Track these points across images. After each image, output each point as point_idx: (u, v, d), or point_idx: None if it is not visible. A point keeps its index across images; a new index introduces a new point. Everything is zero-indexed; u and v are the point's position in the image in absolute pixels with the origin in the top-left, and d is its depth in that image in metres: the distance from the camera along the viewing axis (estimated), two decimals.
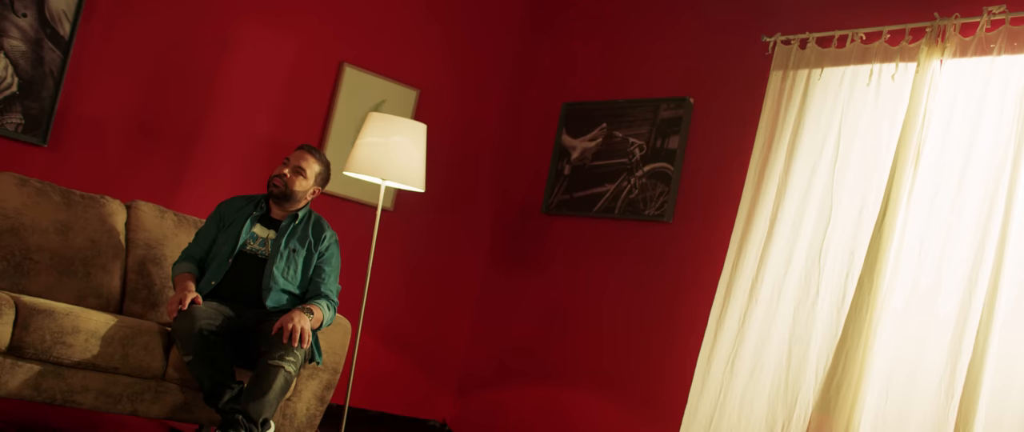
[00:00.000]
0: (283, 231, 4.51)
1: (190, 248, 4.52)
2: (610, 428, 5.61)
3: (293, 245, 4.50)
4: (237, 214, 4.55)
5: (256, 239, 4.50)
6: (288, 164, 4.56)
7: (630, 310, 5.74)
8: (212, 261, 4.44)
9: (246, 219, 4.50)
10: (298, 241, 4.52)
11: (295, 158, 4.58)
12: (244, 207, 4.58)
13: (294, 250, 4.49)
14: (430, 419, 6.52)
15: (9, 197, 4.41)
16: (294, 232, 4.53)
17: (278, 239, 4.48)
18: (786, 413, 4.66)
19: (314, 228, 4.61)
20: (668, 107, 5.78)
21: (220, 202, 4.69)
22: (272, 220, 4.58)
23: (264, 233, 4.52)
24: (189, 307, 4.13)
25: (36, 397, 3.87)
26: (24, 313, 3.82)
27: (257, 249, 4.47)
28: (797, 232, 4.85)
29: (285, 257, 4.45)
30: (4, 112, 5.01)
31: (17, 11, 5.02)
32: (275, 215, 4.59)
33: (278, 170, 4.57)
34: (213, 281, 4.37)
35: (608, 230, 6.00)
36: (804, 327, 4.71)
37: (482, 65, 6.69)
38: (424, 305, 6.50)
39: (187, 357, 4.05)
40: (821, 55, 5.00)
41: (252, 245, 4.48)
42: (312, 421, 4.50)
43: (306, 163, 4.58)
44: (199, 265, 4.48)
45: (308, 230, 4.58)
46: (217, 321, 4.12)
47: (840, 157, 4.81)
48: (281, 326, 4.12)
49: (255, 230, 4.52)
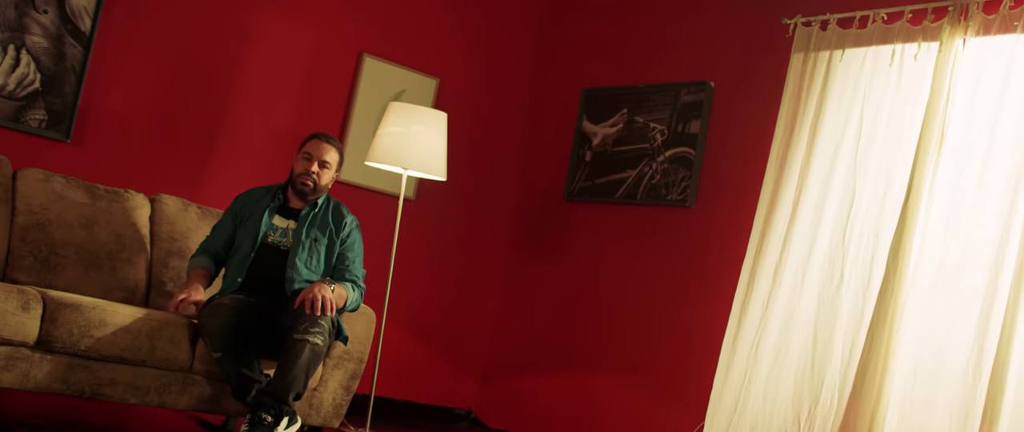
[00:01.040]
0: (303, 220, 4.49)
1: (207, 242, 4.52)
2: (635, 414, 5.61)
3: (314, 234, 4.47)
4: (255, 206, 4.52)
5: (276, 230, 4.47)
6: (311, 159, 4.50)
7: (654, 296, 5.73)
8: (234, 255, 4.44)
9: (264, 211, 4.48)
10: (319, 230, 4.49)
11: (316, 151, 4.52)
12: (262, 198, 4.55)
13: (316, 240, 4.46)
14: (456, 407, 6.54)
15: (34, 193, 4.44)
16: (314, 221, 4.50)
17: (299, 229, 4.46)
18: (813, 397, 4.65)
19: (334, 215, 4.57)
20: (689, 91, 5.76)
21: (237, 195, 4.66)
22: (291, 210, 4.55)
23: (284, 224, 4.49)
24: (218, 303, 4.13)
25: (65, 390, 3.90)
26: (51, 307, 3.84)
27: (278, 241, 4.45)
28: (820, 215, 4.83)
29: (307, 247, 4.43)
30: (27, 108, 5.04)
31: (38, 8, 5.04)
32: (293, 205, 4.55)
33: (302, 167, 4.50)
34: (238, 278, 4.37)
35: (630, 216, 5.99)
36: (829, 310, 4.69)
37: (501, 52, 6.68)
38: (448, 294, 6.51)
39: (216, 354, 4.06)
40: (842, 36, 4.98)
41: (273, 237, 4.46)
42: (338, 411, 4.52)
43: (329, 155, 4.53)
44: (215, 259, 4.48)
45: (328, 217, 4.55)
46: (245, 316, 4.12)
47: (863, 139, 4.78)
48: (302, 299, 4.12)
49: (275, 221, 4.49)
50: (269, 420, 3.97)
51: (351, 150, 6.01)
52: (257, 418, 3.97)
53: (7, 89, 4.99)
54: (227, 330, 4.04)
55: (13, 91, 5.01)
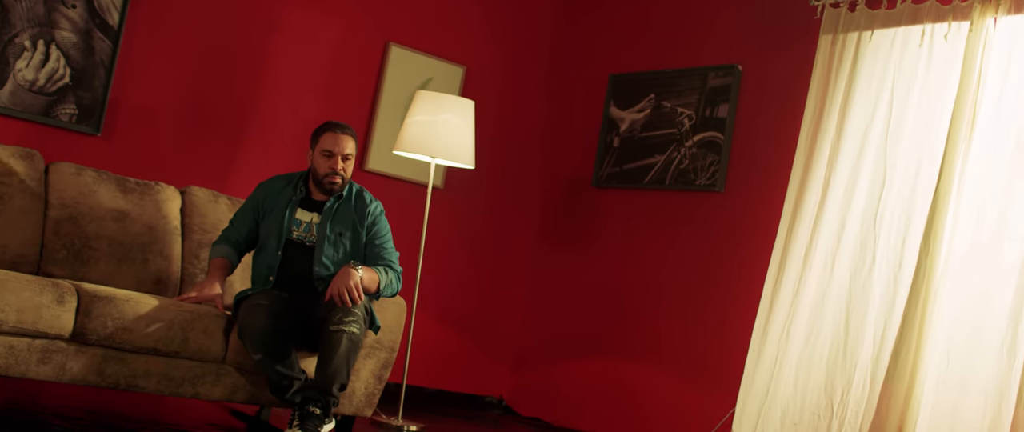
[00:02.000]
0: (327, 214, 4.40)
1: (228, 230, 4.49)
2: (667, 399, 5.61)
3: (339, 228, 4.39)
4: (277, 199, 4.44)
5: (300, 225, 4.40)
6: (333, 156, 4.36)
7: (684, 281, 5.72)
8: (261, 251, 4.39)
9: (286, 206, 4.41)
10: (343, 224, 4.40)
11: (336, 147, 4.37)
12: (283, 191, 4.46)
13: (341, 233, 4.39)
14: (487, 395, 6.55)
15: (67, 186, 4.47)
16: (338, 213, 4.42)
17: (323, 223, 4.38)
18: (845, 381, 4.63)
19: (357, 204, 4.47)
20: (716, 75, 5.74)
21: (259, 183, 4.59)
22: (313, 202, 4.45)
23: (307, 217, 4.41)
24: (256, 303, 4.10)
25: (100, 382, 3.93)
26: (86, 300, 3.87)
27: (303, 236, 4.38)
28: (851, 198, 4.80)
29: (332, 241, 4.37)
30: (58, 103, 5.08)
31: (67, 3, 5.07)
32: (316, 197, 4.45)
33: (327, 167, 4.36)
34: (269, 277, 4.36)
35: (659, 201, 5.97)
36: (861, 294, 4.67)
37: (528, 39, 6.67)
38: (478, 282, 6.52)
39: (256, 356, 4.07)
40: (871, 17, 4.94)
41: (297, 232, 4.38)
42: (371, 399, 4.53)
43: (349, 146, 4.40)
44: (236, 248, 4.47)
45: (351, 208, 4.45)
46: (283, 317, 4.11)
47: (893, 121, 4.75)
48: (331, 294, 4.11)
49: (298, 216, 4.41)
50: (318, 412, 4.00)
51: (379, 139, 6.02)
52: (306, 411, 4.00)
53: (37, 84, 5.03)
54: (267, 332, 4.04)
55: (43, 86, 5.04)
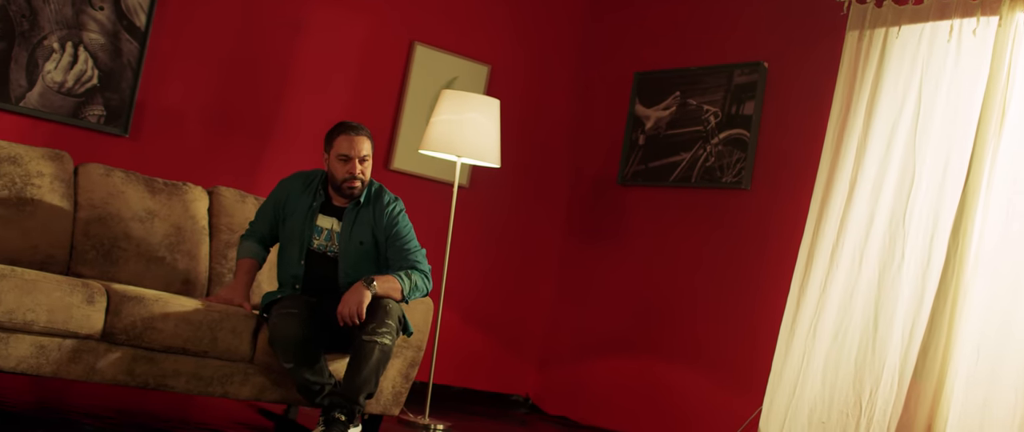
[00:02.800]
0: (348, 222, 4.32)
1: (254, 224, 4.46)
2: (693, 397, 5.60)
3: (360, 237, 4.30)
4: (297, 203, 4.36)
5: (321, 233, 4.33)
6: (350, 159, 4.26)
7: (710, 278, 5.70)
8: (284, 257, 4.37)
9: (306, 213, 4.33)
10: (363, 232, 4.31)
11: (352, 150, 4.26)
12: (302, 194, 4.37)
13: (362, 242, 4.31)
14: (513, 394, 6.55)
15: (96, 187, 4.50)
16: (358, 221, 4.33)
17: (344, 233, 4.30)
18: (873, 379, 4.60)
19: (375, 206, 4.34)
20: (742, 72, 5.72)
21: (281, 179, 4.51)
22: (333, 207, 4.37)
23: (328, 224, 4.34)
24: (286, 312, 4.09)
25: (130, 382, 3.95)
26: (115, 300, 3.90)
27: (324, 245, 4.32)
28: (878, 195, 4.77)
29: (354, 252, 4.30)
30: (86, 104, 5.11)
31: (95, 5, 5.10)
32: (337, 203, 4.37)
33: (346, 171, 4.26)
34: (296, 285, 4.35)
35: (685, 199, 5.96)
36: (890, 291, 4.64)
37: (552, 37, 6.67)
38: (503, 280, 6.52)
39: (287, 364, 4.08)
40: (898, 13, 4.91)
41: (318, 241, 4.32)
42: (398, 398, 4.54)
43: (365, 148, 4.30)
44: (263, 242, 4.43)
45: (371, 213, 4.34)
46: (313, 326, 4.10)
47: (921, 117, 4.72)
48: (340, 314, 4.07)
49: (318, 222, 4.33)
50: (343, 419, 4.02)
51: (404, 138, 6.03)
52: (331, 417, 4.01)
53: (66, 86, 5.06)
54: (297, 342, 4.05)
55: (72, 88, 5.08)
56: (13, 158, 4.32)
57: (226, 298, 4.27)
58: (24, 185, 4.29)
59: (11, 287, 3.68)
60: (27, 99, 4.98)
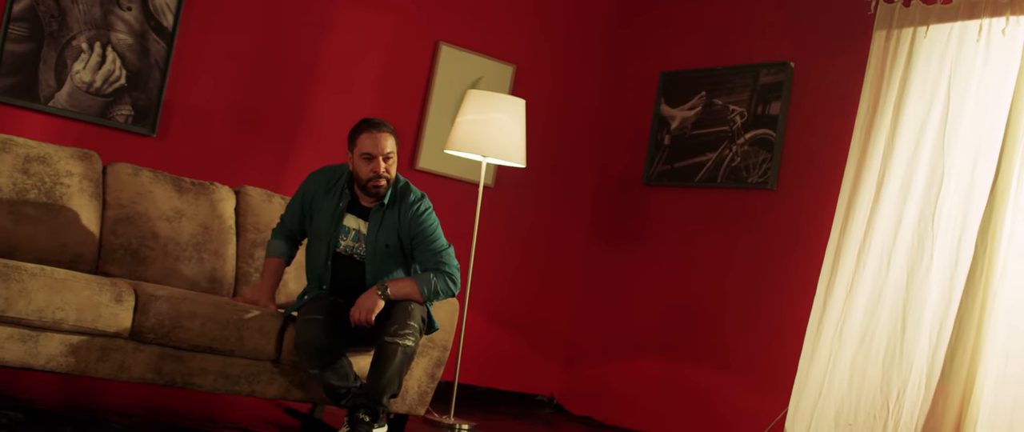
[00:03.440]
0: (374, 224, 4.27)
1: (283, 221, 4.44)
2: (718, 398, 5.58)
3: (385, 240, 4.25)
4: (322, 203, 4.32)
5: (348, 234, 4.28)
6: (374, 158, 4.17)
7: (736, 279, 5.68)
8: (311, 256, 4.35)
9: (332, 214, 4.28)
10: (389, 234, 4.26)
11: (376, 148, 4.18)
12: (328, 193, 4.32)
13: (387, 245, 4.25)
14: (538, 394, 6.55)
15: (124, 187, 4.53)
16: (384, 222, 4.27)
17: (371, 235, 4.25)
18: (901, 381, 4.58)
19: (401, 207, 4.27)
20: (768, 72, 5.70)
21: (309, 174, 4.46)
22: (360, 207, 4.31)
23: (354, 224, 4.29)
24: (312, 318, 4.08)
25: (158, 380, 3.97)
26: (143, 299, 3.92)
27: (351, 247, 4.28)
28: (906, 196, 4.75)
29: (381, 255, 4.26)
30: (114, 104, 5.14)
31: (123, 5, 5.14)
32: (363, 203, 4.30)
33: (370, 170, 4.18)
34: (322, 285, 4.35)
35: (711, 199, 5.94)
36: (918, 293, 4.61)
37: (578, 37, 6.66)
38: (529, 280, 6.52)
39: (313, 370, 4.09)
40: (926, 12, 4.88)
41: (346, 242, 4.28)
42: (424, 398, 4.55)
43: (389, 145, 4.21)
44: (292, 238, 4.42)
45: (396, 214, 4.26)
46: (339, 332, 4.10)
47: (950, 117, 4.68)
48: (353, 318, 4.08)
49: (345, 223, 4.29)
50: (367, 420, 4.03)
51: (429, 138, 6.04)
52: (356, 418, 4.02)
53: (94, 86, 5.09)
54: (323, 350, 4.05)
55: (100, 88, 5.11)
56: (42, 158, 4.35)
57: (251, 299, 4.29)
58: (53, 184, 4.32)
59: (41, 286, 3.71)
60: (56, 99, 5.02)
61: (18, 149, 4.32)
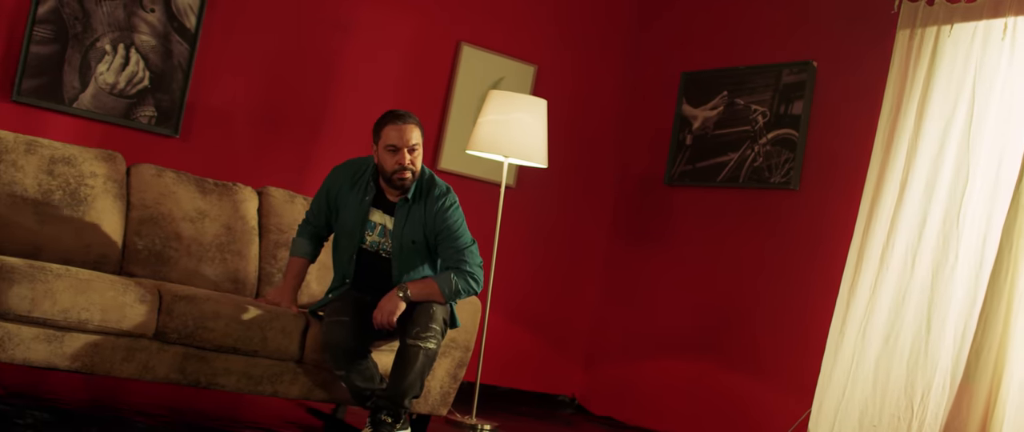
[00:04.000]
0: (400, 219, 4.24)
1: (309, 218, 4.42)
2: (740, 399, 5.56)
3: (412, 236, 4.22)
4: (348, 197, 4.29)
5: (374, 229, 4.26)
6: (399, 149, 4.12)
7: (758, 279, 5.67)
8: (338, 250, 4.35)
9: (357, 210, 4.25)
10: (415, 229, 4.22)
11: (401, 140, 4.12)
12: (353, 188, 4.28)
13: (414, 241, 4.23)
14: (559, 394, 6.55)
15: (148, 187, 4.55)
16: (410, 217, 4.23)
17: (397, 231, 4.22)
18: (925, 382, 4.55)
19: (427, 202, 4.22)
20: (791, 72, 5.68)
21: (333, 168, 4.41)
22: (386, 201, 4.27)
23: (380, 219, 4.26)
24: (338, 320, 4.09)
25: (182, 380, 3.99)
26: (167, 300, 3.93)
27: (378, 242, 4.26)
28: (930, 196, 4.72)
29: (407, 252, 4.23)
30: (137, 105, 5.17)
31: (146, 7, 5.16)
32: (389, 196, 4.27)
33: (395, 162, 4.13)
34: (346, 278, 4.35)
35: (733, 199, 5.93)
36: (943, 293, 4.58)
37: (598, 37, 6.65)
38: (550, 280, 6.52)
39: (339, 372, 4.10)
40: (951, 11, 4.85)
41: (372, 237, 4.25)
42: (446, 399, 4.55)
43: (415, 136, 4.15)
44: (317, 235, 4.40)
45: (422, 208, 4.22)
46: (364, 334, 4.11)
47: (975, 116, 4.66)
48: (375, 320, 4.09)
49: (371, 217, 4.26)
50: (389, 421, 4.04)
51: (451, 138, 6.05)
52: (378, 419, 4.03)
53: (118, 87, 5.12)
54: (350, 352, 4.06)
55: (124, 89, 5.13)
56: (67, 159, 4.37)
57: (273, 300, 4.30)
58: (78, 186, 4.35)
59: (66, 287, 3.73)
60: (80, 100, 5.05)
61: (43, 150, 4.34)
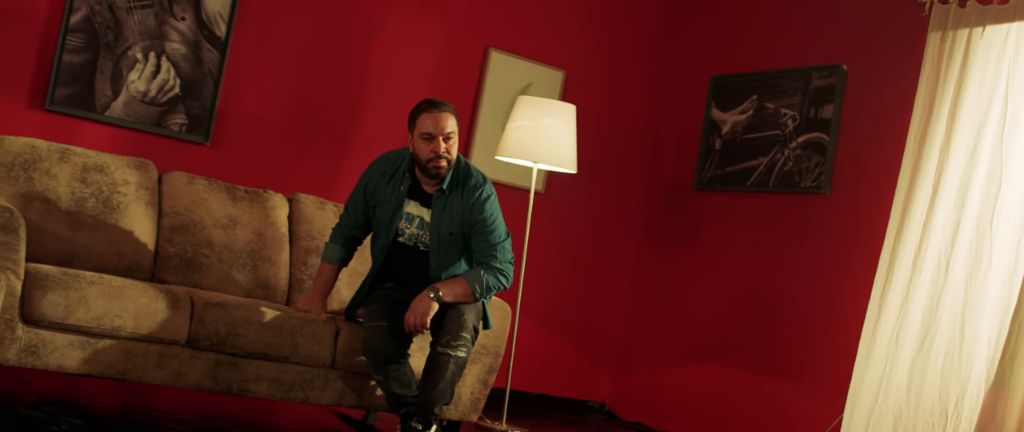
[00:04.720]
0: (437, 211, 4.20)
1: (344, 218, 4.40)
2: (772, 404, 5.53)
3: (450, 227, 4.19)
4: (385, 191, 4.25)
5: (412, 221, 4.24)
6: (434, 138, 4.09)
7: (789, 284, 5.64)
8: (376, 243, 4.32)
9: (394, 201, 4.22)
10: (453, 221, 4.19)
11: (436, 128, 4.09)
12: (388, 185, 4.25)
13: (452, 233, 4.20)
14: (589, 400, 6.53)
15: (179, 195, 4.57)
16: (447, 208, 4.19)
17: (434, 224, 4.20)
18: (960, 388, 4.51)
19: (463, 191, 4.18)
20: (820, 75, 5.65)
21: (370, 163, 4.40)
22: (422, 193, 4.24)
23: (417, 212, 4.23)
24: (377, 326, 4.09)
25: (214, 387, 4.01)
26: (199, 306, 3.96)
27: (416, 235, 4.24)
28: (963, 199, 4.68)
29: (444, 246, 4.22)
30: (168, 113, 5.20)
31: (176, 15, 5.19)
32: (425, 187, 4.24)
33: (430, 151, 4.10)
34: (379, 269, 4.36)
35: (763, 204, 5.90)
36: (977, 297, 4.54)
37: (627, 42, 6.64)
38: (580, 286, 6.51)
39: (378, 376, 4.12)
40: (982, 12, 4.81)
41: (409, 230, 4.23)
42: (476, 405, 4.55)
43: (450, 124, 4.12)
44: (350, 237, 4.39)
45: (458, 199, 4.17)
46: (403, 336, 4.12)
47: (1008, 119, 4.61)
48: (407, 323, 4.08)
49: (408, 209, 4.23)
50: (420, 428, 4.05)
51: (480, 144, 6.05)
52: (409, 426, 4.06)
53: (149, 95, 5.15)
54: (388, 356, 4.07)
55: (155, 97, 5.17)
56: (100, 167, 4.41)
57: (303, 307, 4.31)
58: (110, 193, 4.38)
59: (99, 294, 3.76)
60: (112, 108, 5.09)
61: (76, 159, 4.38)
